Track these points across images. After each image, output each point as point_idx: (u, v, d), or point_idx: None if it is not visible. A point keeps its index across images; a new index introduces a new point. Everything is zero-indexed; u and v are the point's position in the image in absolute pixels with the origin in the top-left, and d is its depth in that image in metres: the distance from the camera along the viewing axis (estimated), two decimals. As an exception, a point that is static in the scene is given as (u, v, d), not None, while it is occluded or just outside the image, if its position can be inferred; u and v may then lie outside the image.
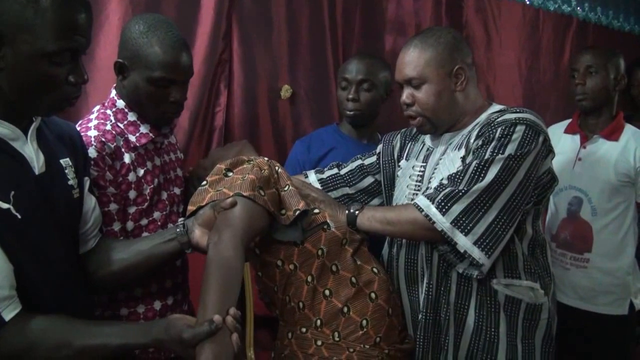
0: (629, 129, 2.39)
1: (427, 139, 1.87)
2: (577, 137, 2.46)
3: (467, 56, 1.77)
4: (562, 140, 2.51)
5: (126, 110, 1.66)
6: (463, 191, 1.57)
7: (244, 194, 1.45)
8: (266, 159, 1.62)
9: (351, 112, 2.32)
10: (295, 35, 2.78)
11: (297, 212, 1.53)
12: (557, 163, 2.47)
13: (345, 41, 2.93)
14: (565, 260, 2.43)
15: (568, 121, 2.56)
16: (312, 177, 1.97)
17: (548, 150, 1.68)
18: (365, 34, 2.98)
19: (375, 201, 1.96)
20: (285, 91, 2.74)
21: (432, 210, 1.58)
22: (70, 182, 1.40)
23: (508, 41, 3.52)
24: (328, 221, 1.60)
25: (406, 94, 1.76)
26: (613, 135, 2.37)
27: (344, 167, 1.99)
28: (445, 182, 1.64)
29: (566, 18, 3.76)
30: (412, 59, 1.73)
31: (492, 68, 3.48)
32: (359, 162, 2.00)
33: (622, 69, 2.41)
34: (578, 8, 3.79)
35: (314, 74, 2.83)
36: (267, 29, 2.71)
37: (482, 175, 1.58)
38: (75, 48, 1.23)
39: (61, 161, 1.39)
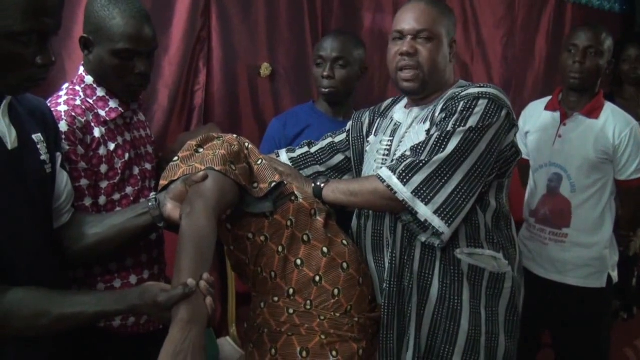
0: (608, 107, 2.41)
1: (396, 114, 1.89)
2: (558, 114, 2.47)
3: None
4: (543, 117, 2.53)
5: (95, 85, 1.67)
6: (424, 161, 1.60)
7: (216, 168, 1.47)
8: (235, 135, 1.64)
9: (326, 90, 2.34)
10: (275, 13, 2.78)
11: (273, 184, 1.56)
12: (537, 140, 2.51)
13: (325, 19, 2.93)
14: (544, 236, 2.46)
15: (548, 98, 2.58)
16: (284, 157, 1.99)
17: (511, 125, 1.70)
18: (344, 12, 2.98)
19: (346, 178, 1.99)
20: (265, 69, 2.74)
21: (394, 181, 1.61)
22: (43, 158, 1.40)
23: (485, 19, 3.51)
24: (296, 192, 1.63)
25: (409, 44, 1.73)
26: (593, 113, 2.39)
27: (315, 145, 2.02)
28: (408, 153, 1.67)
29: (544, -5, 3.77)
30: (428, 14, 1.74)
31: (469, 46, 3.48)
32: (329, 140, 2.03)
33: (611, 53, 2.43)
34: (557, -15, 3.78)
35: (293, 52, 2.84)
36: (246, 7, 2.71)
37: (443, 146, 1.60)
38: (43, 30, 1.22)
39: (33, 136, 1.39)
